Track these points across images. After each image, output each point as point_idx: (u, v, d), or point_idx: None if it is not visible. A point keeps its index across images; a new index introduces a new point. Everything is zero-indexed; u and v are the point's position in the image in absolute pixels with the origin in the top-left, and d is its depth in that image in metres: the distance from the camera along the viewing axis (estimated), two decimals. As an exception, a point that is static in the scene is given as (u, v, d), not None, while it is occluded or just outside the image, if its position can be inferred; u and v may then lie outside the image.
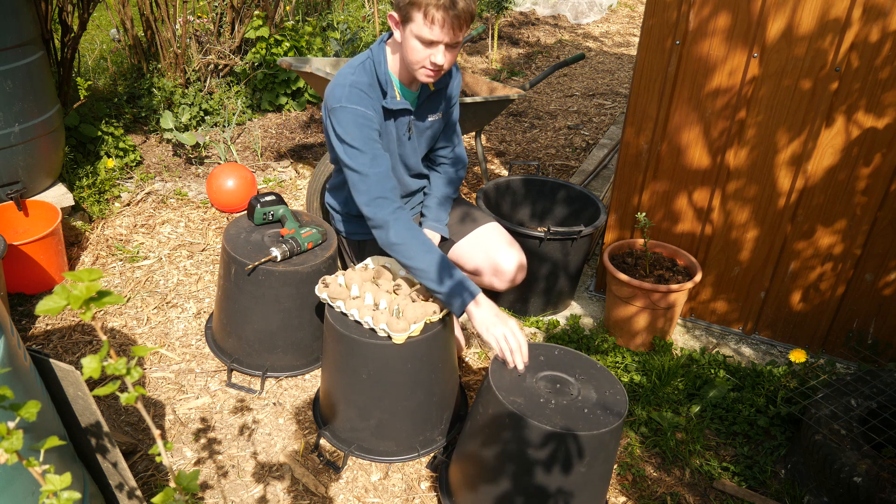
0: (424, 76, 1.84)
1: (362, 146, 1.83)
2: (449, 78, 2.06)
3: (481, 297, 1.76)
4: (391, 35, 1.93)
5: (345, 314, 1.84)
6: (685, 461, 2.01)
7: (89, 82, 3.64)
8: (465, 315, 1.79)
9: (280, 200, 2.24)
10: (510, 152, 4.13)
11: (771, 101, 2.15)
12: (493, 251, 2.16)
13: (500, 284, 2.19)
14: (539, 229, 2.40)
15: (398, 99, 1.94)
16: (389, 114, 1.96)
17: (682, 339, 2.55)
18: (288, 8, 4.89)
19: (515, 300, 2.59)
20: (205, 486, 1.85)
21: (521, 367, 1.64)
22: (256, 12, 4.10)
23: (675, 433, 2.09)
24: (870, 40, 1.96)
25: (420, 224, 2.18)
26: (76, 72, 3.76)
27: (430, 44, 1.75)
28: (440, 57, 1.77)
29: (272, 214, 2.23)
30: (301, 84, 4.41)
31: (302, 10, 5.20)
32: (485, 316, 1.72)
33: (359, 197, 1.86)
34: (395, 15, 1.80)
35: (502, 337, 1.67)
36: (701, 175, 2.35)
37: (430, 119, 2.07)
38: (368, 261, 2.05)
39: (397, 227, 1.82)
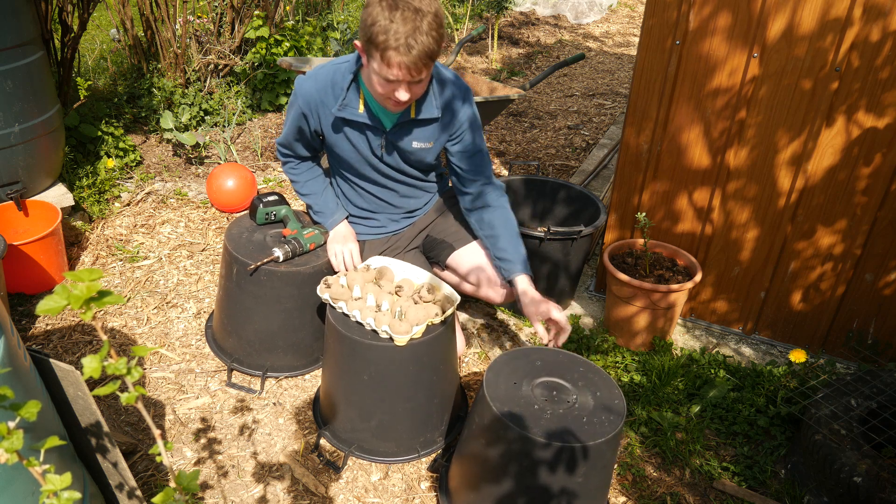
0: (392, 107, 1.84)
1: (291, 124, 2.05)
2: (439, 113, 1.94)
3: (345, 223, 2.17)
4: None
5: (347, 315, 1.84)
6: (685, 461, 2.01)
7: (89, 82, 3.64)
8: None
9: (283, 201, 2.24)
10: (510, 152, 4.13)
11: (771, 101, 2.15)
12: (490, 263, 2.15)
13: (496, 297, 2.16)
14: (539, 229, 2.40)
15: (360, 111, 1.91)
16: (347, 122, 1.95)
17: (682, 339, 2.55)
18: (288, 8, 4.89)
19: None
20: (205, 486, 1.85)
21: (343, 273, 2.03)
22: (256, 12, 4.10)
23: (675, 433, 2.09)
24: (870, 40, 1.96)
25: (501, 273, 2.09)
26: (76, 72, 3.76)
27: (389, 82, 1.73)
28: (402, 94, 1.75)
29: (275, 214, 2.23)
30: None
31: (302, 10, 5.20)
32: (336, 234, 2.15)
33: (279, 140, 2.16)
34: (360, 45, 1.76)
35: (336, 253, 2.10)
36: (701, 175, 2.35)
37: (415, 145, 1.99)
38: (370, 261, 2.05)
39: (289, 170, 2.20)
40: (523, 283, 2.01)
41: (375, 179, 2.11)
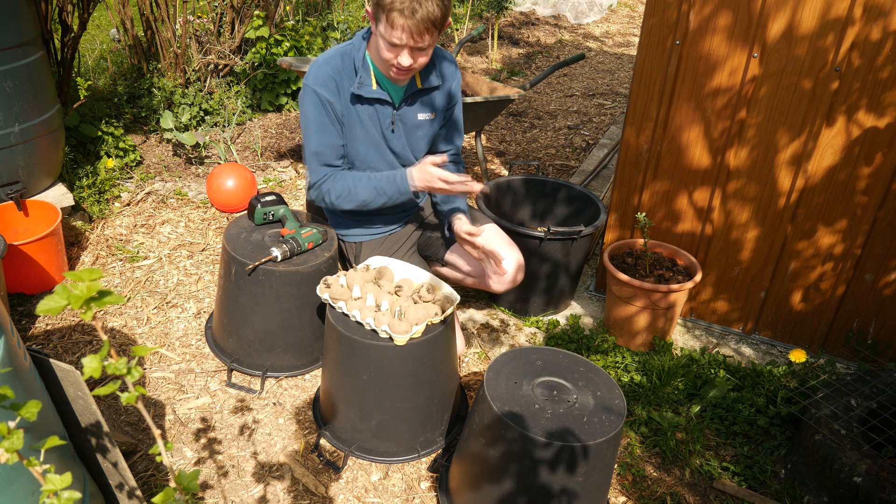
0: (394, 74, 1.90)
1: (314, 125, 1.99)
2: (441, 80, 2.06)
3: (406, 173, 2.00)
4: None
5: (346, 315, 1.84)
6: (685, 461, 2.01)
7: (89, 82, 3.64)
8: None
9: (280, 200, 2.24)
10: (510, 152, 4.13)
11: (771, 101, 2.15)
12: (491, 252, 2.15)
13: (498, 286, 2.18)
14: (539, 229, 2.40)
15: (374, 87, 1.97)
16: (362, 100, 1.99)
17: (682, 339, 2.55)
18: (288, 8, 4.89)
19: (516, 300, 2.59)
20: (205, 486, 1.85)
21: (475, 188, 1.91)
22: (256, 12, 4.10)
23: (675, 433, 2.09)
24: (870, 40, 1.96)
25: (441, 220, 2.22)
26: (76, 72, 3.75)
27: (393, 46, 1.80)
28: (405, 59, 1.82)
29: (273, 214, 2.23)
30: (301, 84, 4.41)
31: (302, 10, 5.20)
32: (415, 175, 1.99)
33: (307, 166, 2.07)
34: (370, 10, 1.85)
35: (437, 180, 1.93)
36: (701, 175, 2.35)
37: (420, 118, 2.08)
38: (370, 261, 2.05)
39: (332, 185, 2.04)
40: (462, 217, 2.13)
41: (380, 169, 2.11)
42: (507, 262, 2.15)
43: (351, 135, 2.05)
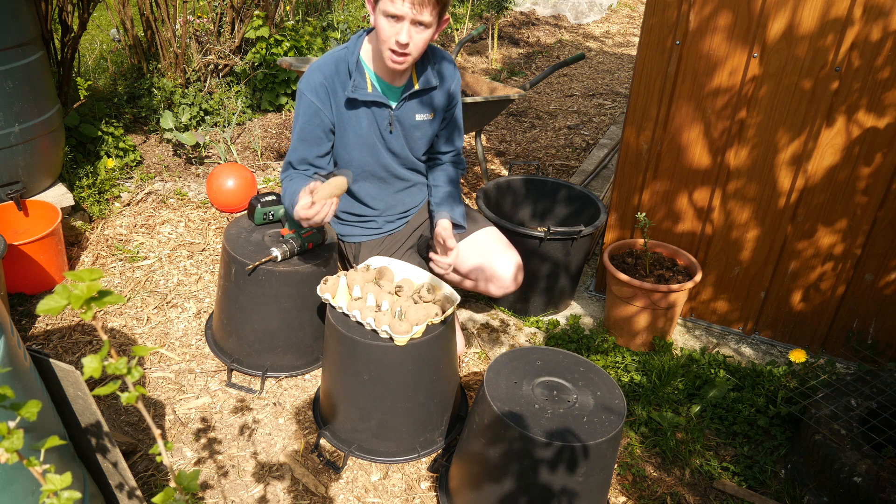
0: (391, 60, 1.88)
1: (300, 131, 2.02)
2: (439, 81, 2.06)
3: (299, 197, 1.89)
4: (372, 30, 1.97)
5: (347, 315, 1.84)
6: (685, 461, 2.01)
7: (89, 82, 3.64)
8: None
9: (280, 200, 2.24)
10: (510, 152, 4.13)
11: (771, 101, 2.15)
12: (489, 256, 2.15)
13: (496, 290, 2.16)
14: (539, 229, 2.40)
15: (369, 90, 1.97)
16: (357, 104, 1.99)
17: (682, 338, 2.55)
18: (288, 8, 4.89)
19: (516, 300, 2.59)
20: (205, 486, 1.85)
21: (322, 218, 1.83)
22: (256, 12, 4.10)
23: (675, 433, 2.09)
24: (870, 40, 1.96)
25: (432, 222, 2.21)
26: (76, 72, 3.75)
27: (394, 19, 1.80)
28: (404, 35, 1.80)
29: (273, 214, 2.23)
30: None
31: (302, 10, 5.20)
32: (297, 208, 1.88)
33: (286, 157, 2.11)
34: None
35: (308, 208, 1.83)
36: (701, 175, 2.36)
37: (418, 118, 2.07)
38: (370, 261, 2.05)
39: (286, 184, 2.03)
40: (443, 222, 2.12)
41: (375, 172, 2.12)
42: (503, 267, 2.14)
43: (343, 140, 2.04)
